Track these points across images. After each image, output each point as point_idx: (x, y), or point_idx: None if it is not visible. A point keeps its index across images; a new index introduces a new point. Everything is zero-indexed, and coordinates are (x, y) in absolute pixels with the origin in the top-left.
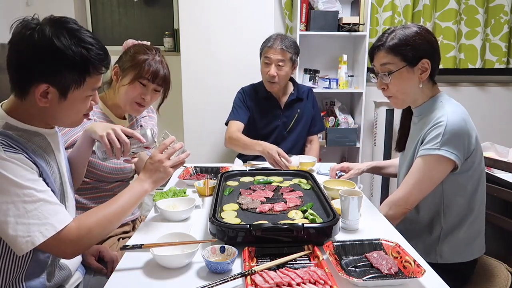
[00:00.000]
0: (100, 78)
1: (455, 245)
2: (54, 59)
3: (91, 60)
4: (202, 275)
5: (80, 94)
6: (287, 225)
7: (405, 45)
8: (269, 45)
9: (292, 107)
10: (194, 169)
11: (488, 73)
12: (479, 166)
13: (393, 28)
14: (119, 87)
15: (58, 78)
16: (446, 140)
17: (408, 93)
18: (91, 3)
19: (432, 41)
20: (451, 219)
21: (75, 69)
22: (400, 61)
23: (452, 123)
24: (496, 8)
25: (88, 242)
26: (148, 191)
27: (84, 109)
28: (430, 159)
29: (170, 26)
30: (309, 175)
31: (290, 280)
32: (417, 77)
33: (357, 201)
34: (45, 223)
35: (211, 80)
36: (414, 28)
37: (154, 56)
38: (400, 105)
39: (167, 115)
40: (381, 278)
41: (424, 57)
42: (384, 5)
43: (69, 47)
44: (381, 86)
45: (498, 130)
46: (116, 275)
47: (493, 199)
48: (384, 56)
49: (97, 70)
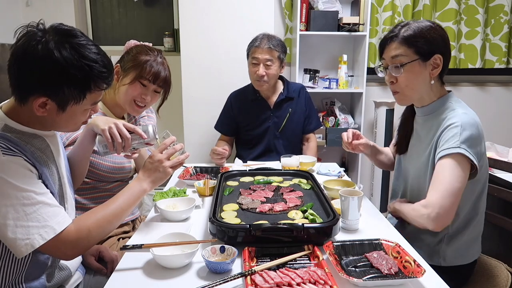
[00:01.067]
0: (101, 94)
1: (459, 248)
2: (54, 74)
3: (93, 77)
4: (202, 275)
5: (79, 108)
6: (287, 225)
7: (420, 37)
8: (256, 45)
9: (283, 107)
10: (194, 169)
11: (488, 73)
12: (485, 169)
13: (407, 22)
14: (120, 86)
15: (57, 93)
16: (464, 139)
17: (416, 89)
18: (91, 3)
19: (446, 37)
20: (457, 223)
21: (76, 85)
22: (413, 54)
23: (466, 126)
24: (496, 8)
25: (87, 243)
26: (146, 191)
27: (83, 119)
28: (452, 158)
29: (170, 26)
30: (309, 175)
31: (290, 280)
32: (429, 72)
33: (357, 201)
34: (44, 225)
35: (211, 80)
36: (428, 22)
37: (156, 58)
38: (405, 101)
39: (167, 115)
40: (381, 278)
41: (437, 52)
42: (384, 5)
43: (71, 63)
44: (390, 79)
45: (498, 130)
46: (116, 275)
47: (493, 199)
48: (397, 48)
49: (98, 87)
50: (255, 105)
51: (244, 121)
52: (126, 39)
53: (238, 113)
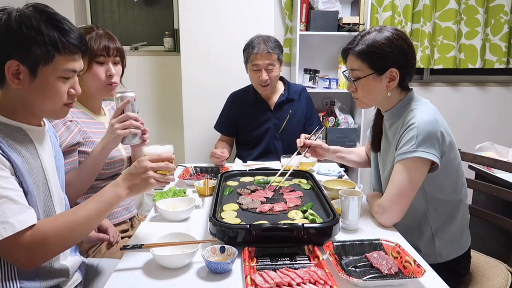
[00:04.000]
0: (73, 60)
1: (450, 239)
2: (22, 34)
3: (62, 37)
4: (202, 275)
5: (51, 73)
6: (287, 225)
7: (373, 52)
8: (254, 52)
9: (283, 108)
10: (194, 169)
11: (488, 73)
12: (455, 160)
13: (367, 31)
14: (83, 77)
15: (26, 53)
16: (421, 140)
17: (374, 99)
18: (91, 3)
19: (404, 49)
20: (438, 216)
21: (44, 44)
22: (368, 68)
23: (424, 124)
24: (496, 8)
25: (43, 252)
26: (121, 198)
27: (60, 94)
28: (408, 162)
29: (170, 26)
30: (309, 175)
31: (290, 280)
32: (385, 85)
33: (357, 201)
34: (4, 221)
35: (211, 80)
36: (387, 33)
37: (97, 32)
38: (365, 107)
39: (167, 115)
40: (381, 278)
41: (392, 66)
42: (384, 5)
43: (38, 23)
44: (350, 88)
45: (498, 130)
46: (116, 275)
47: (493, 199)
48: (353, 61)
49: (68, 49)
50: (256, 106)
51: (244, 122)
52: (126, 39)
53: (238, 114)
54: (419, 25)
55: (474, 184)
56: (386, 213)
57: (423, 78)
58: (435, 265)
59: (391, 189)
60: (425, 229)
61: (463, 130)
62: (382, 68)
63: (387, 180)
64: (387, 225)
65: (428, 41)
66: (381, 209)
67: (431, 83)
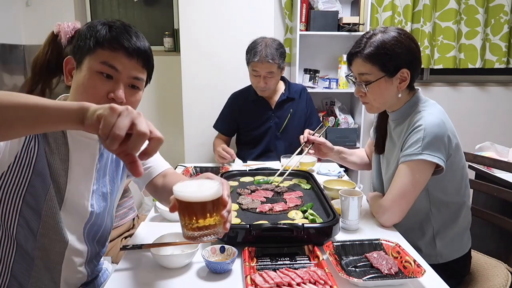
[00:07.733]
0: (114, 57)
1: (451, 240)
2: (83, 37)
3: (109, 33)
4: (202, 275)
5: (92, 64)
6: (287, 225)
7: (384, 54)
8: (256, 60)
9: (284, 107)
10: (194, 169)
11: (488, 73)
12: (460, 163)
13: (372, 32)
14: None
15: (79, 47)
16: (427, 143)
17: (384, 101)
18: (91, 3)
19: (412, 48)
20: (441, 217)
21: (90, 38)
22: (379, 71)
23: (431, 126)
24: (496, 8)
25: None
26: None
27: (97, 90)
28: (413, 164)
29: (170, 26)
30: (309, 175)
31: (290, 280)
32: (396, 86)
33: (357, 201)
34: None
35: (211, 80)
36: (394, 33)
37: None
38: (375, 111)
39: (167, 115)
40: (381, 278)
41: (403, 66)
42: (384, 5)
43: (102, 24)
44: (359, 93)
45: (498, 130)
46: (116, 275)
47: (493, 199)
48: (362, 65)
49: (110, 44)
50: (256, 105)
51: (245, 121)
52: None
53: (239, 114)
54: (419, 25)
55: (474, 184)
56: (387, 213)
57: (423, 78)
58: (436, 265)
59: (394, 190)
60: (426, 230)
61: (463, 130)
62: (394, 70)
63: (390, 181)
64: (388, 225)
65: (428, 41)
66: (382, 209)
67: (431, 83)
